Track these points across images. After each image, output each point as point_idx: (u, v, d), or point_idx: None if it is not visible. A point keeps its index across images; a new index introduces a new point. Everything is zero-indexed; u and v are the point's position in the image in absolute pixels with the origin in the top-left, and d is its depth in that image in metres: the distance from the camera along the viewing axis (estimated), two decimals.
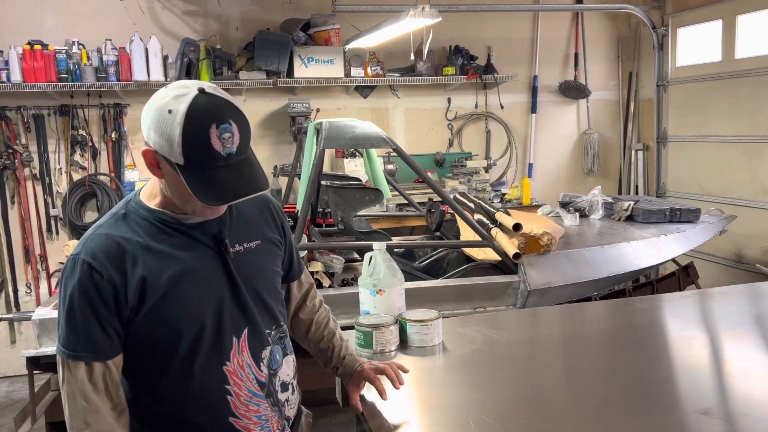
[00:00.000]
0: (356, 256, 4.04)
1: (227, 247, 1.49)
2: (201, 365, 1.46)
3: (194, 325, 1.44)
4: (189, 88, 1.35)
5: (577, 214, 4.32)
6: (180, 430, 1.50)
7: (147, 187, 1.51)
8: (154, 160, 1.38)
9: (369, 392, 1.80)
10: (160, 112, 1.33)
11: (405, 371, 1.79)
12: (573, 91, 6.30)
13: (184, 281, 1.43)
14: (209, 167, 1.33)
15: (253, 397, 1.52)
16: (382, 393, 1.71)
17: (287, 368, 1.62)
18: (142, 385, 1.50)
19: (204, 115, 1.31)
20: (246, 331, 1.51)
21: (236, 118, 1.34)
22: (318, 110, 5.51)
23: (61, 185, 5.18)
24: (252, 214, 1.60)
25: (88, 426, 1.38)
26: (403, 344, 2.11)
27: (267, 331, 1.56)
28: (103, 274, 1.38)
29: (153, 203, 1.47)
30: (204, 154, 1.32)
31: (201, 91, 1.34)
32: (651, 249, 3.84)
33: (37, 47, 4.75)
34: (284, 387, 1.60)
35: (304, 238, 3.53)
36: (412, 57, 4.64)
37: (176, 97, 1.33)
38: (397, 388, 1.74)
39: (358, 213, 4.06)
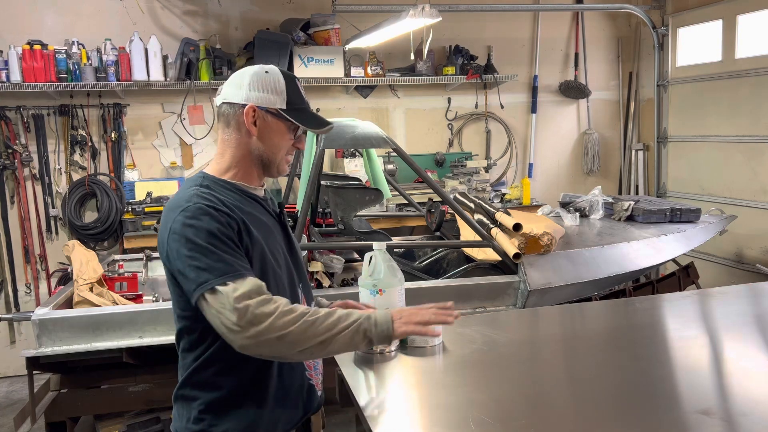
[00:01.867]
0: (356, 256, 4.04)
1: (285, 217, 1.84)
2: None
3: (279, 272, 1.70)
4: (260, 65, 1.75)
5: (577, 214, 4.31)
6: (258, 372, 1.65)
7: (213, 167, 1.74)
8: (253, 117, 1.68)
9: (369, 393, 1.80)
10: (258, 76, 1.70)
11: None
12: (573, 91, 6.30)
13: (267, 236, 1.70)
14: (303, 108, 1.74)
15: None
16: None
17: None
18: None
19: (289, 74, 1.75)
20: (301, 285, 1.81)
21: None
22: (318, 110, 5.51)
23: (61, 185, 5.18)
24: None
25: (277, 304, 1.52)
26: (403, 344, 2.11)
27: (309, 287, 1.88)
28: (225, 213, 1.59)
29: (227, 176, 1.72)
30: (299, 97, 1.73)
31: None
32: (651, 249, 3.84)
33: (37, 47, 4.75)
34: None
35: (304, 238, 3.53)
36: (412, 57, 4.65)
37: (260, 66, 1.73)
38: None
39: (358, 213, 4.06)
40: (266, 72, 1.70)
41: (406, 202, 4.83)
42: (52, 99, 5.08)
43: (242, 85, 1.69)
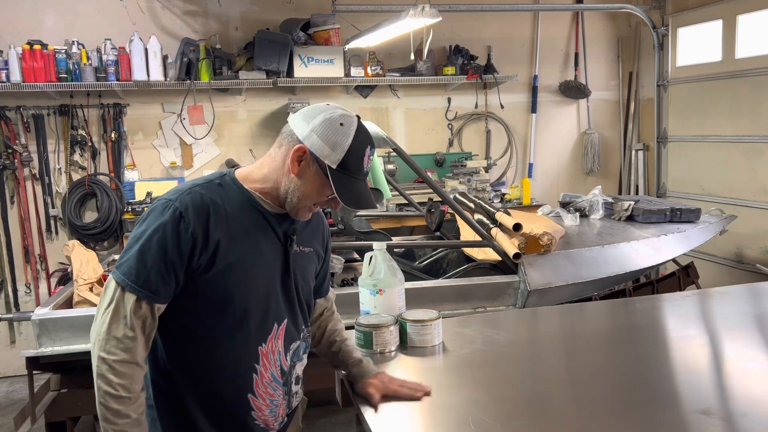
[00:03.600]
0: (356, 256, 4.04)
1: (292, 243, 1.67)
2: (242, 339, 1.60)
3: (244, 299, 1.59)
4: (349, 112, 1.63)
5: (577, 214, 4.31)
6: (200, 396, 1.61)
7: (245, 171, 1.67)
8: (300, 158, 1.58)
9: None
10: (331, 122, 1.57)
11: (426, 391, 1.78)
12: (573, 91, 6.30)
13: (250, 258, 1.59)
14: (353, 177, 1.59)
15: (273, 382, 1.66)
16: (416, 393, 1.75)
17: (303, 364, 1.77)
18: (179, 347, 1.60)
19: (366, 137, 1.61)
20: (286, 321, 1.67)
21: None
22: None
23: (61, 185, 5.17)
24: (311, 225, 1.77)
25: (123, 352, 1.49)
26: (403, 344, 2.11)
27: (302, 326, 1.74)
28: (190, 225, 1.51)
29: (251, 186, 1.63)
30: (356, 165, 1.59)
31: (358, 117, 1.64)
32: (651, 249, 3.84)
33: (37, 47, 4.75)
34: (297, 380, 1.75)
35: None
36: (412, 57, 4.64)
37: (343, 115, 1.59)
38: (419, 398, 1.76)
39: (358, 213, 4.06)
40: (341, 124, 1.57)
41: (406, 202, 4.83)
42: (52, 99, 5.07)
43: (312, 122, 1.58)
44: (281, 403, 1.69)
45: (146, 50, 4.93)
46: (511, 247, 3.40)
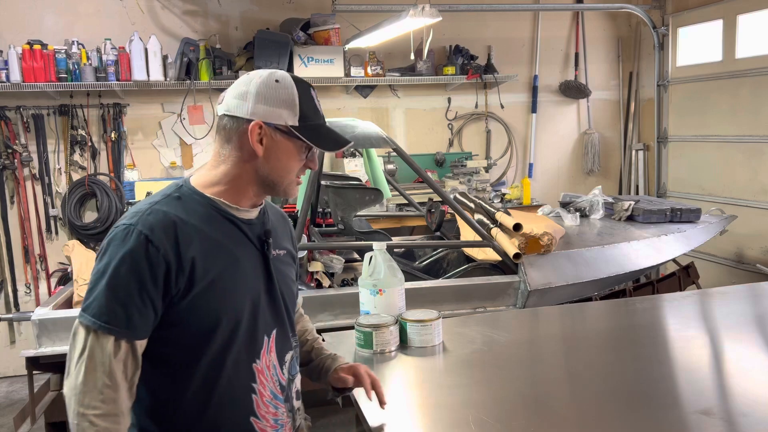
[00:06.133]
0: (356, 256, 4.04)
1: (270, 247, 1.54)
2: (234, 359, 1.46)
3: (233, 317, 1.45)
4: (271, 69, 1.52)
5: (577, 214, 4.31)
6: (199, 428, 1.47)
7: (200, 177, 1.52)
8: (259, 135, 1.45)
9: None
10: (266, 85, 1.46)
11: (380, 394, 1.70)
12: (573, 90, 6.30)
13: (230, 271, 1.45)
14: (318, 123, 1.51)
15: (274, 399, 1.53)
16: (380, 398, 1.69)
17: (300, 378, 1.66)
18: (168, 376, 1.45)
19: (303, 82, 1.52)
20: (275, 331, 1.54)
21: None
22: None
23: (61, 185, 5.17)
24: (279, 225, 1.64)
25: (104, 404, 1.33)
26: (403, 344, 2.11)
27: (290, 334, 1.60)
28: (160, 248, 1.36)
29: (208, 192, 1.49)
30: (314, 111, 1.50)
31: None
32: (651, 249, 3.84)
33: (37, 47, 4.75)
34: (297, 395, 1.63)
35: (304, 238, 3.52)
36: (412, 57, 4.64)
37: (271, 73, 1.49)
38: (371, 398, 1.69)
39: (358, 213, 4.06)
40: (276, 81, 1.45)
41: (406, 202, 4.83)
42: (51, 99, 5.07)
43: (248, 96, 1.44)
44: (286, 422, 1.56)
45: (146, 50, 4.93)
46: (511, 247, 3.40)
